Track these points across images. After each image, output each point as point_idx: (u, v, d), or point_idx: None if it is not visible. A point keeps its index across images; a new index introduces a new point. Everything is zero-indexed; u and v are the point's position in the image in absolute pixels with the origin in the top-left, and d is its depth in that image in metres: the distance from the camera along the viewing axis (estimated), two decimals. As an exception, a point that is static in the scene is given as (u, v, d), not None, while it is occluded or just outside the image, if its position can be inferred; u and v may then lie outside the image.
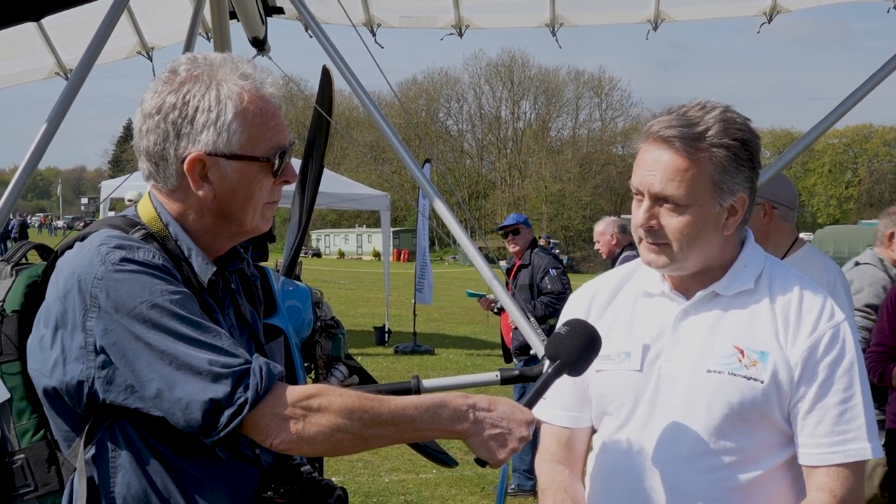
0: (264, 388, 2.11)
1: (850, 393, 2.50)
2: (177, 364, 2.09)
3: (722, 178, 2.50)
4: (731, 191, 2.53)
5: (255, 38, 6.58)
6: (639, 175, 2.56)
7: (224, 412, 2.08)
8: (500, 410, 2.31)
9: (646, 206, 2.55)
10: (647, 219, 2.55)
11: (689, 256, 2.55)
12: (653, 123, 2.55)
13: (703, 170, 2.49)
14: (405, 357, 17.30)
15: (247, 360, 2.14)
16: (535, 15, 7.18)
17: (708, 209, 2.52)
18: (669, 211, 2.52)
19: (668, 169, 2.50)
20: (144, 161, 2.33)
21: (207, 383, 2.08)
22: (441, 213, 5.30)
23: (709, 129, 2.49)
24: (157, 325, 2.10)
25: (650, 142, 2.55)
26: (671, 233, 2.53)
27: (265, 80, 2.33)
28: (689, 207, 2.50)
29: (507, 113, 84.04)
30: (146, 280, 2.14)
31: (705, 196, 2.51)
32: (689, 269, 2.59)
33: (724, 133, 2.49)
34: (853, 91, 5.50)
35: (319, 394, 2.17)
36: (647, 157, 2.55)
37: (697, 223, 2.52)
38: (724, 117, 2.52)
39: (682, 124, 2.50)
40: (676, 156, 2.49)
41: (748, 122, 2.58)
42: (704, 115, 2.51)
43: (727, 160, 2.50)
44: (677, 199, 2.50)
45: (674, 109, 2.57)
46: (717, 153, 2.49)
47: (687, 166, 2.49)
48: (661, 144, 2.51)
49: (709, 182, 2.50)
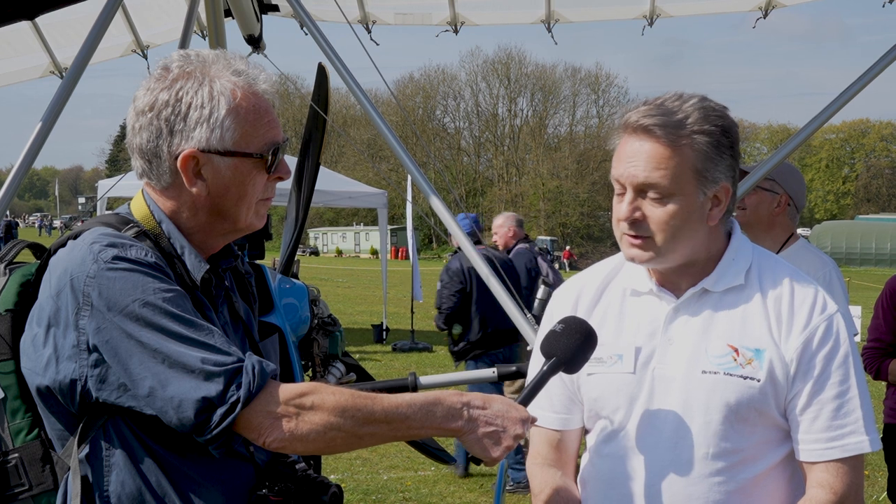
0: (257, 387, 2.11)
1: (845, 386, 2.47)
2: (169, 362, 2.08)
3: (705, 167, 2.46)
4: (714, 179, 2.48)
5: (251, 36, 6.57)
6: (620, 167, 2.50)
7: (216, 410, 2.08)
8: (495, 408, 2.30)
9: (628, 198, 2.50)
10: (631, 211, 2.49)
11: (674, 248, 2.50)
12: (630, 114, 2.50)
13: (685, 158, 2.44)
14: (403, 354, 17.29)
15: (239, 358, 2.13)
16: (531, 11, 7.17)
17: (692, 199, 2.47)
18: (653, 202, 2.47)
19: (652, 158, 2.45)
20: (137, 158, 2.32)
21: (200, 381, 2.07)
22: (438, 211, 5.29)
23: (688, 116, 2.45)
24: (149, 323, 2.10)
25: (629, 133, 2.50)
26: (655, 224, 2.47)
27: (258, 77, 2.32)
28: (674, 197, 2.45)
29: (504, 110, 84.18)
30: (138, 278, 2.13)
31: (689, 185, 2.46)
32: (674, 262, 2.54)
33: (704, 120, 2.45)
34: (849, 86, 5.48)
35: (312, 392, 2.16)
36: (627, 149, 2.50)
37: (682, 213, 2.47)
38: (702, 105, 2.48)
39: (661, 113, 2.45)
40: (658, 144, 2.44)
41: (726, 109, 2.53)
42: (682, 105, 2.47)
43: (709, 147, 2.45)
44: (661, 187, 2.44)
45: (650, 101, 2.53)
46: (698, 140, 2.44)
47: (670, 154, 2.44)
48: (642, 134, 2.47)
49: (692, 170, 2.45)
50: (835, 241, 60.13)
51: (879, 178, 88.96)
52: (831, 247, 60.34)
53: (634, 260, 2.55)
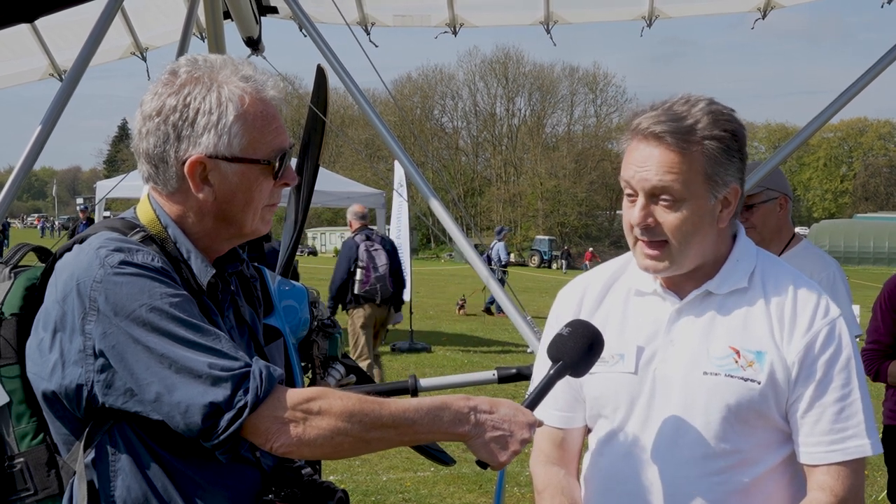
0: (264, 392, 2.10)
1: (847, 390, 2.48)
2: (176, 367, 2.08)
3: (715, 171, 2.48)
4: (724, 182, 2.50)
5: (250, 38, 6.58)
6: (630, 171, 2.52)
7: (224, 416, 2.07)
8: (502, 412, 2.29)
9: (641, 203, 2.51)
10: (644, 216, 2.50)
11: (687, 253, 2.51)
12: (640, 120, 2.51)
13: (696, 163, 2.46)
14: (402, 355, 17.28)
15: (247, 363, 2.13)
16: (530, 13, 7.17)
17: (704, 202, 2.49)
18: (665, 207, 2.48)
19: (663, 164, 2.46)
20: (144, 163, 2.31)
21: (207, 387, 2.07)
22: (436, 212, 5.30)
23: (698, 121, 2.46)
24: (156, 328, 2.09)
25: (639, 139, 2.51)
26: (669, 229, 2.49)
27: (266, 83, 2.31)
28: (686, 202, 2.47)
29: (502, 110, 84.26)
30: (145, 283, 2.13)
31: (700, 189, 2.47)
32: (687, 268, 2.55)
33: (713, 125, 2.47)
34: (849, 86, 5.48)
35: (320, 396, 2.16)
36: (637, 155, 2.51)
37: (694, 217, 2.48)
38: (710, 109, 2.49)
39: (671, 119, 2.46)
40: (668, 151, 2.46)
41: (734, 112, 2.55)
42: (691, 109, 2.48)
43: (719, 152, 2.47)
44: (674, 191, 2.46)
45: (657, 105, 2.53)
46: (708, 145, 2.46)
47: (680, 160, 2.45)
48: (652, 140, 2.48)
49: (702, 175, 2.47)
50: (833, 240, 60.13)
51: (877, 176, 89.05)
52: (829, 246, 60.32)
53: (649, 270, 2.57)
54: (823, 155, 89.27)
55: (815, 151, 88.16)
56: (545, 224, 75.56)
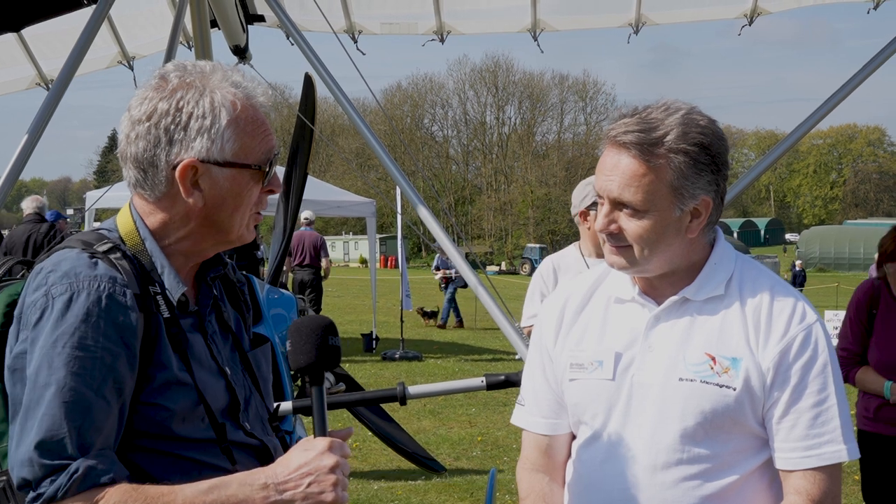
0: (66, 491, 2.02)
1: (824, 395, 2.48)
2: (33, 416, 2.05)
3: (682, 184, 2.47)
4: (692, 195, 2.49)
5: (237, 47, 6.59)
6: (599, 179, 2.54)
7: (31, 492, 2.04)
8: (294, 463, 2.14)
9: (605, 210, 2.53)
10: (607, 223, 2.53)
11: (650, 259, 2.52)
12: (613, 127, 2.52)
13: (660, 175, 2.45)
14: (393, 363, 17.26)
15: (72, 456, 2.04)
16: (517, 20, 7.20)
17: (667, 214, 2.48)
18: (628, 216, 2.49)
19: (626, 175, 2.46)
20: (131, 168, 2.28)
21: (26, 459, 2.04)
22: (426, 220, 5.29)
23: (667, 133, 2.45)
24: (53, 367, 2.06)
25: (610, 146, 2.52)
26: (631, 237, 2.50)
27: (255, 89, 2.31)
28: (648, 213, 2.47)
29: (492, 118, 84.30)
30: (70, 325, 2.08)
31: (664, 201, 2.47)
32: (654, 271, 2.57)
33: (682, 138, 2.45)
34: (836, 91, 5.51)
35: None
36: (606, 162, 2.52)
37: (657, 227, 2.49)
38: (685, 121, 2.47)
39: (641, 129, 2.46)
40: (633, 161, 2.46)
41: (712, 124, 2.52)
42: (666, 118, 2.47)
43: (685, 166, 2.45)
44: (635, 204, 2.47)
45: (639, 110, 2.53)
46: (674, 159, 2.44)
47: (644, 171, 2.45)
48: (619, 149, 2.48)
49: (667, 188, 2.46)
50: (823, 247, 60.37)
51: (867, 183, 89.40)
52: (820, 252, 60.54)
53: (613, 266, 2.60)
54: (813, 161, 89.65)
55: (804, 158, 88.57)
56: (536, 232, 75.71)
